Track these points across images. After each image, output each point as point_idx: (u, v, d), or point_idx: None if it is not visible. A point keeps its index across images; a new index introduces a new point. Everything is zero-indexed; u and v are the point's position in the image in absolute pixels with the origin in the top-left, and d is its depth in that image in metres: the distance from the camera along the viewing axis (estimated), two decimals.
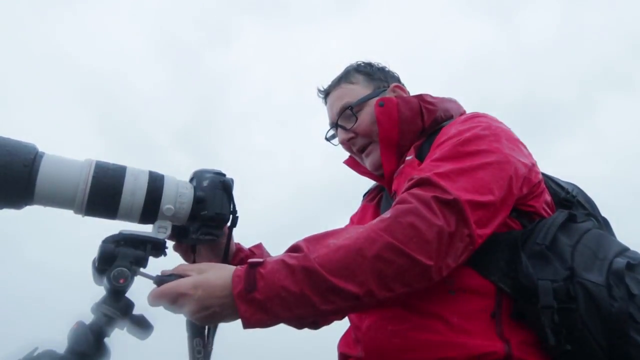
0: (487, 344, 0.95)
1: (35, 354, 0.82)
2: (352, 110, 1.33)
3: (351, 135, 1.34)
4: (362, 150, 1.36)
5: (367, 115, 1.31)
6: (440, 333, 0.97)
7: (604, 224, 1.18)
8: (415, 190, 0.97)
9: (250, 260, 0.92)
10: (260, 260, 0.92)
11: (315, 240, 0.94)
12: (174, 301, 0.90)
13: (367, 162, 1.36)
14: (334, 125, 1.39)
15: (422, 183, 0.98)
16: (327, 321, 1.39)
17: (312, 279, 0.88)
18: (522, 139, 1.19)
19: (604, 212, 1.20)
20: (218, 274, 0.91)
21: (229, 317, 0.91)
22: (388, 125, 1.26)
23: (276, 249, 1.35)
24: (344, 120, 1.36)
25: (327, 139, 1.46)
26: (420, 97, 1.29)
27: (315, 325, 1.40)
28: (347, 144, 1.37)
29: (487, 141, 1.06)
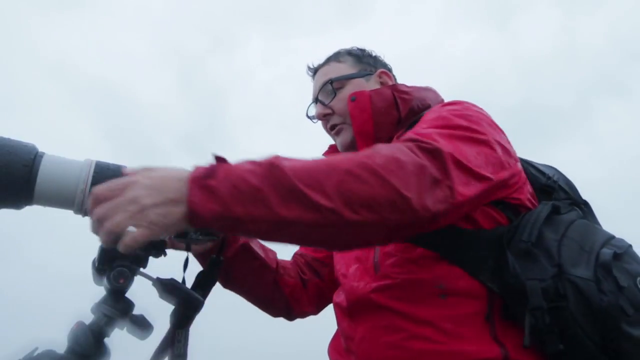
0: (483, 349, 0.94)
1: (35, 354, 0.82)
2: (332, 86, 1.32)
3: (328, 111, 1.33)
4: (334, 128, 1.34)
5: (346, 93, 1.29)
6: (435, 341, 0.96)
7: (586, 209, 1.17)
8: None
9: (216, 154, 0.85)
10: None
11: (293, 158, 0.87)
12: (122, 189, 0.79)
13: (338, 142, 1.34)
14: (315, 100, 1.38)
15: (404, 140, 0.95)
16: (301, 311, 1.37)
17: (276, 178, 0.80)
18: (521, 143, 1.20)
19: (601, 214, 1.20)
20: (175, 170, 0.82)
21: (184, 209, 0.78)
22: (362, 119, 1.24)
23: (279, 252, 1.37)
24: (323, 95, 1.35)
25: (308, 116, 1.44)
26: (394, 87, 1.27)
27: (289, 314, 1.38)
28: (323, 119, 1.35)
29: (467, 119, 1.05)
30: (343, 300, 1.16)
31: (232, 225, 0.81)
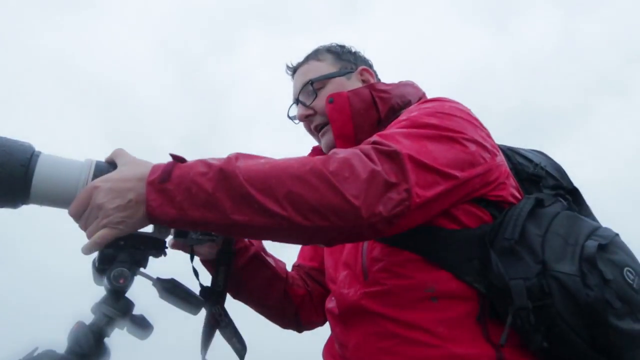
0: (478, 351, 0.93)
1: (35, 354, 0.82)
2: (312, 86, 1.30)
3: (310, 112, 1.31)
4: (318, 129, 1.32)
5: (328, 93, 1.27)
6: (429, 345, 0.95)
7: (575, 195, 1.16)
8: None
9: (172, 153, 0.88)
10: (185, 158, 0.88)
11: (250, 156, 0.90)
12: (89, 198, 0.85)
13: (322, 142, 1.31)
14: (295, 100, 1.36)
15: (366, 143, 0.96)
16: (309, 321, 1.37)
17: (228, 183, 0.83)
18: (520, 144, 1.19)
19: (601, 216, 1.18)
20: (136, 167, 0.87)
21: (145, 210, 0.84)
22: (341, 121, 1.22)
23: (278, 252, 1.37)
24: (304, 96, 1.33)
25: (289, 117, 1.41)
26: (372, 87, 1.24)
27: (298, 324, 1.38)
28: (305, 120, 1.33)
29: (438, 117, 1.03)
30: (334, 307, 1.15)
31: (190, 226, 0.88)
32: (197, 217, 0.83)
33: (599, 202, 1.20)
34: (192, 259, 1.10)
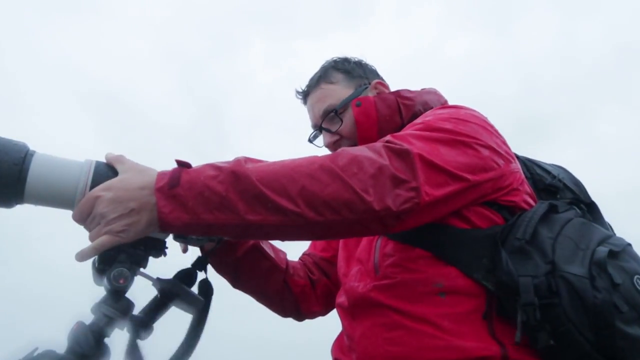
0: (482, 346, 0.94)
1: (35, 354, 0.82)
2: (336, 113, 1.31)
3: (336, 137, 1.32)
4: None
5: (351, 116, 1.29)
6: (434, 337, 0.96)
7: (593, 209, 1.17)
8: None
9: (178, 159, 0.89)
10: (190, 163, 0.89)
11: (255, 160, 0.92)
12: (91, 207, 0.85)
13: None
14: (318, 128, 1.37)
15: (379, 142, 0.98)
16: (310, 311, 1.38)
17: (241, 184, 0.85)
18: (520, 146, 1.20)
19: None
20: (139, 175, 0.87)
21: (150, 217, 0.84)
22: (367, 125, 1.25)
23: (283, 246, 1.37)
24: (328, 123, 1.34)
25: (310, 141, 1.44)
26: (397, 94, 1.28)
27: (298, 314, 1.40)
28: (332, 146, 1.34)
29: (452, 122, 1.05)
30: (344, 301, 1.17)
31: (203, 230, 0.88)
32: (211, 220, 0.84)
33: (598, 203, 1.21)
34: (184, 251, 1.11)
